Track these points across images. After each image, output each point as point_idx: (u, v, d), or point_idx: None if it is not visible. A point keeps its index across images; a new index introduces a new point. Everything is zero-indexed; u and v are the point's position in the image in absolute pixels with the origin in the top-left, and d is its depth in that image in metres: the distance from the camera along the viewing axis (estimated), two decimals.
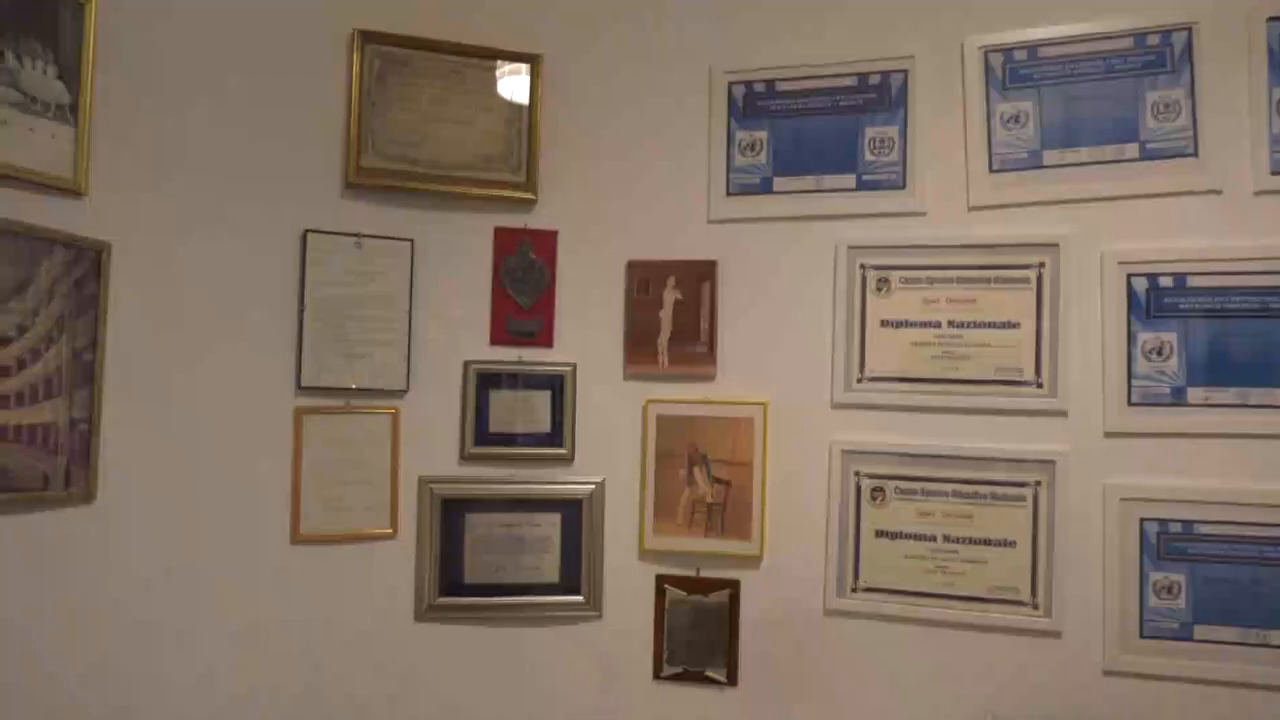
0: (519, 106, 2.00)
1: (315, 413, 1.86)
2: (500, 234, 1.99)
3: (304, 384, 1.84)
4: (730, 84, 2.01)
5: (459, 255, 1.99)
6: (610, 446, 2.00)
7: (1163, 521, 1.77)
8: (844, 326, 1.92)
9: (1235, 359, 1.75)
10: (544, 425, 1.98)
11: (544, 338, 2.00)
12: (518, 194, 1.98)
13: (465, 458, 1.96)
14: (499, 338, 1.98)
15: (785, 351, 1.96)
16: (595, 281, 2.03)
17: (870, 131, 1.94)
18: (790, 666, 1.93)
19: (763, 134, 1.99)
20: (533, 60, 2.00)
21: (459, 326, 1.99)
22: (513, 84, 1.99)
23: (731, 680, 1.95)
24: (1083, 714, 1.79)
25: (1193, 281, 1.77)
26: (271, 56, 1.88)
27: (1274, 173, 1.75)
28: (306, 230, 1.87)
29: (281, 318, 1.86)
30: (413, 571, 1.94)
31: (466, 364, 1.97)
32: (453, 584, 1.95)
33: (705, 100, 2.02)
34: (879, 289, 1.91)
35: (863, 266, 1.92)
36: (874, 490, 1.90)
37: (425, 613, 1.93)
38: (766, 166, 1.98)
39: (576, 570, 1.98)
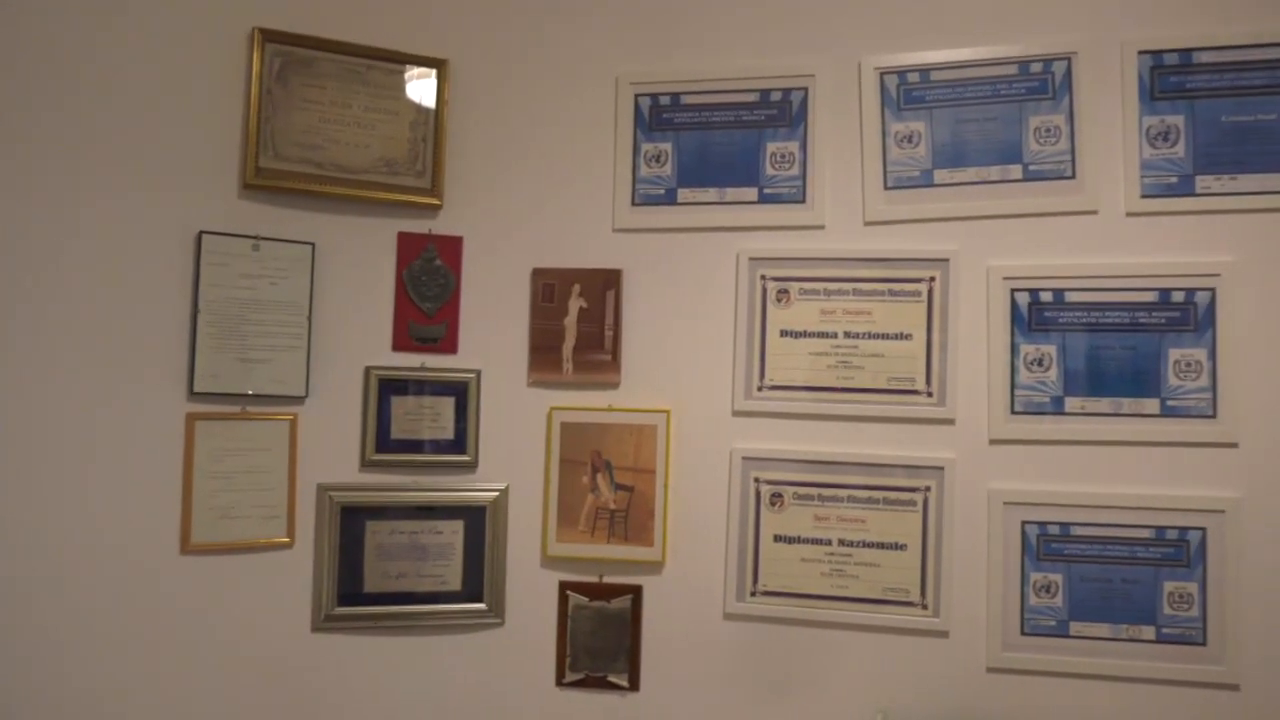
0: (425, 111, 2.01)
1: (208, 419, 1.84)
2: (404, 239, 2.00)
3: (196, 389, 1.83)
4: (637, 95, 2.06)
5: (362, 260, 2.00)
6: (514, 453, 2.03)
7: (1042, 524, 1.88)
8: (745, 336, 1.99)
9: (1108, 370, 1.88)
10: (447, 432, 2.00)
11: (448, 344, 2.01)
12: (423, 199, 2.00)
13: (366, 465, 1.96)
14: (402, 344, 1.99)
15: (688, 360, 2.01)
16: (500, 288, 2.05)
17: (772, 146, 2.01)
18: (691, 670, 1.98)
19: (668, 146, 2.05)
20: (439, 65, 2.02)
21: (361, 332, 1.99)
22: (418, 88, 2.01)
23: (634, 685, 1.99)
24: (968, 710, 1.89)
25: (1070, 297, 1.89)
26: (167, 52, 1.86)
27: (1144, 196, 1.88)
28: (201, 231, 1.85)
29: (174, 321, 1.84)
30: (310, 581, 1.94)
31: (368, 370, 1.97)
32: (352, 593, 1.94)
33: (612, 110, 2.07)
34: (779, 300, 1.99)
35: (763, 277, 1.99)
36: (773, 496, 1.97)
37: (323, 623, 1.92)
38: (671, 178, 2.04)
39: (479, 578, 2.00)
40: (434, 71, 2.03)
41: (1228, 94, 1.86)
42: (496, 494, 2.01)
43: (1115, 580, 1.86)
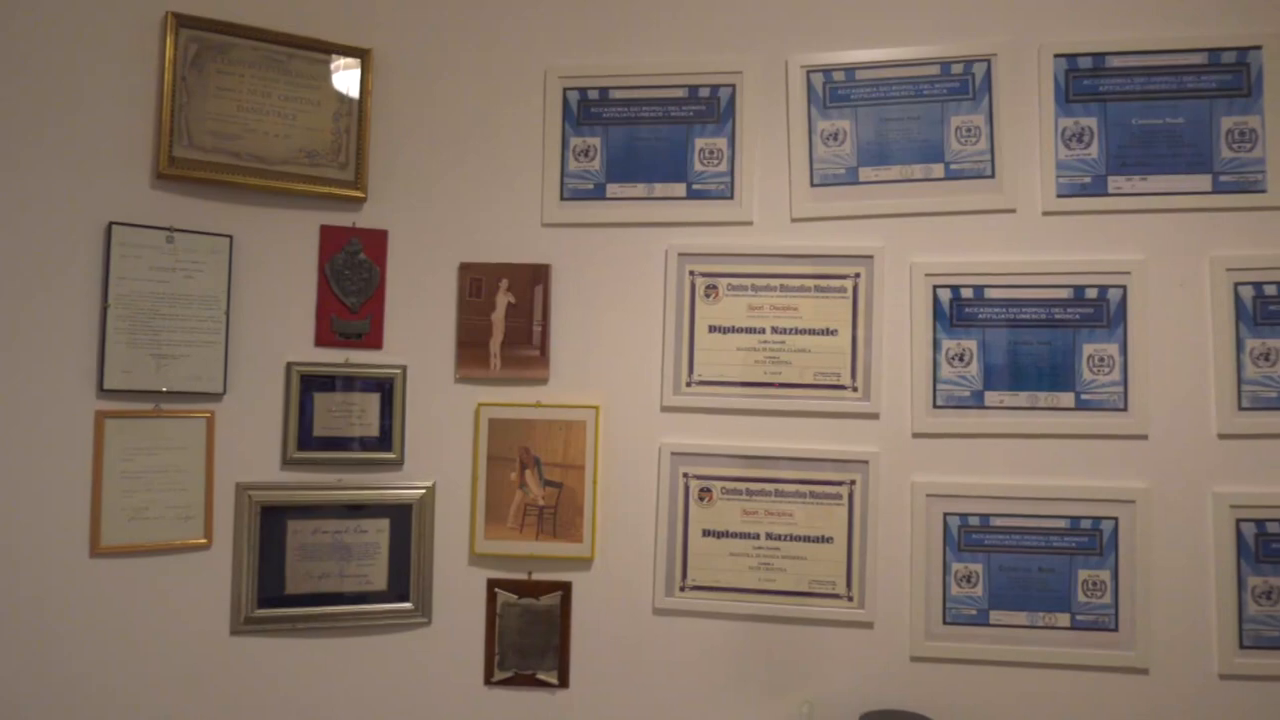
0: (348, 101, 1.99)
1: (119, 416, 1.79)
2: (327, 232, 1.98)
3: (106, 386, 1.77)
4: (566, 89, 2.06)
5: (282, 253, 1.96)
6: (441, 450, 2.02)
7: (963, 516, 1.94)
8: (673, 331, 2.01)
9: (1026, 365, 1.94)
10: (373, 429, 1.98)
11: (373, 339, 1.99)
12: (346, 191, 1.97)
13: (288, 463, 1.93)
14: (325, 339, 1.96)
15: (617, 355, 2.02)
16: (427, 283, 2.04)
17: (700, 142, 2.03)
18: (621, 666, 2.00)
19: (597, 140, 2.05)
20: (363, 55, 2.00)
21: (282, 327, 1.96)
22: (341, 78, 1.98)
23: (563, 682, 2.00)
24: (893, 699, 1.94)
25: (990, 293, 1.95)
26: (75, 35, 1.80)
27: (1059, 195, 1.95)
28: (111, 222, 1.80)
29: (82, 316, 1.79)
30: (229, 583, 1.90)
31: (289, 366, 1.94)
32: (273, 595, 1.91)
33: (540, 104, 2.07)
34: (707, 295, 2.01)
35: (692, 273, 2.01)
36: (701, 491, 1.99)
37: (242, 626, 1.89)
38: (600, 173, 2.05)
39: (405, 576, 1.98)
40: (358, 61, 2.00)
41: (1138, 97, 1.94)
42: (423, 491, 2.00)
43: (1033, 569, 1.92)
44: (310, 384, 1.96)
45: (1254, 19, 1.93)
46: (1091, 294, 1.91)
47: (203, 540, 1.86)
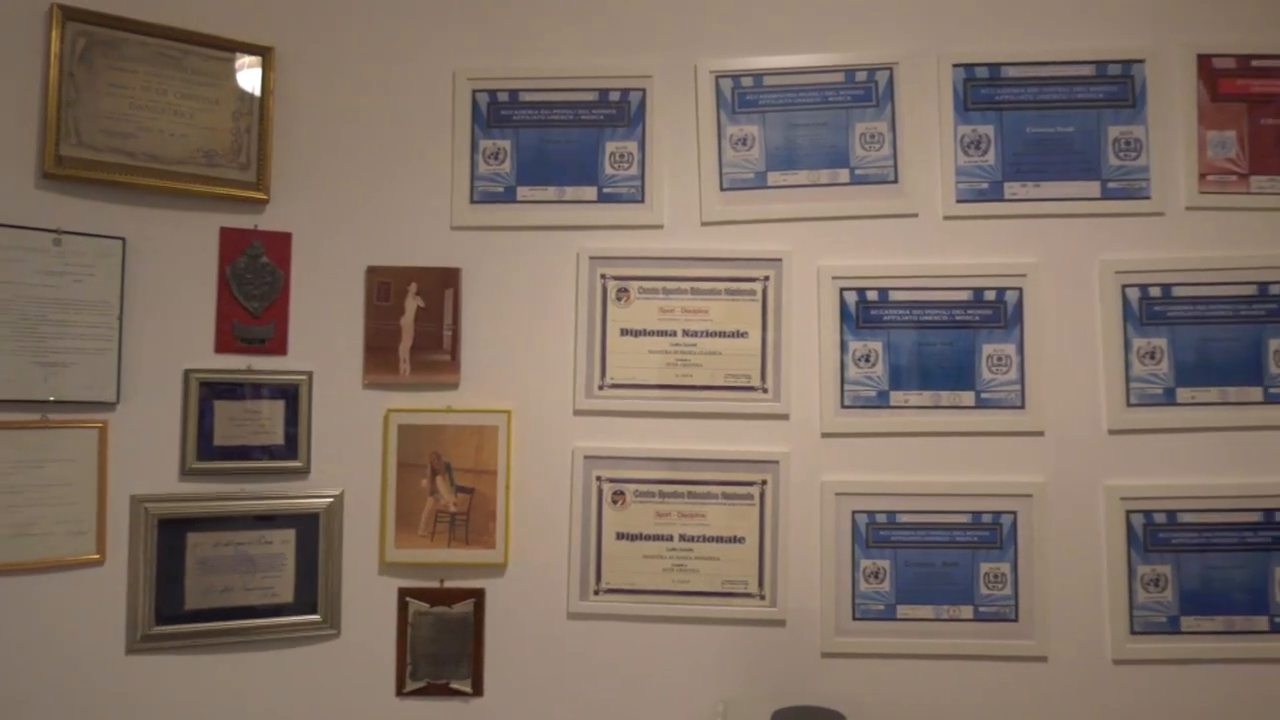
0: (249, 101, 1.95)
1: (1, 428, 1.72)
2: (227, 235, 1.94)
3: None
4: (475, 91, 2.06)
5: (180, 257, 1.92)
6: (349, 458, 2.00)
7: (870, 513, 2.00)
8: (585, 335, 2.02)
9: (929, 365, 2.01)
10: (277, 437, 1.95)
11: (276, 345, 1.96)
12: (247, 193, 1.94)
13: (187, 473, 1.89)
14: (226, 345, 1.93)
15: (529, 359, 2.03)
16: (333, 287, 2.01)
17: (611, 146, 2.06)
18: (536, 672, 2.00)
19: (507, 143, 2.06)
20: (265, 53, 1.97)
21: (180, 333, 1.91)
22: (242, 76, 1.95)
23: (477, 690, 2.00)
24: (805, 694, 1.99)
25: (894, 296, 2.02)
26: None
27: (959, 200, 2.03)
28: None
29: None
30: (124, 599, 1.84)
31: (188, 373, 1.90)
32: (172, 611, 1.87)
33: (449, 106, 2.07)
34: (619, 299, 2.03)
35: (603, 276, 2.03)
36: (615, 494, 2.01)
37: (139, 644, 1.84)
38: (510, 175, 2.05)
39: (313, 588, 1.95)
40: (259, 59, 1.97)
41: (1031, 107, 2.03)
42: (331, 500, 1.97)
43: (937, 564, 1.99)
44: (211, 392, 1.92)
45: (1139, 34, 2.04)
46: (990, 296, 2.00)
47: (95, 556, 1.81)
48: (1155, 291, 1.98)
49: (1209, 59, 2.01)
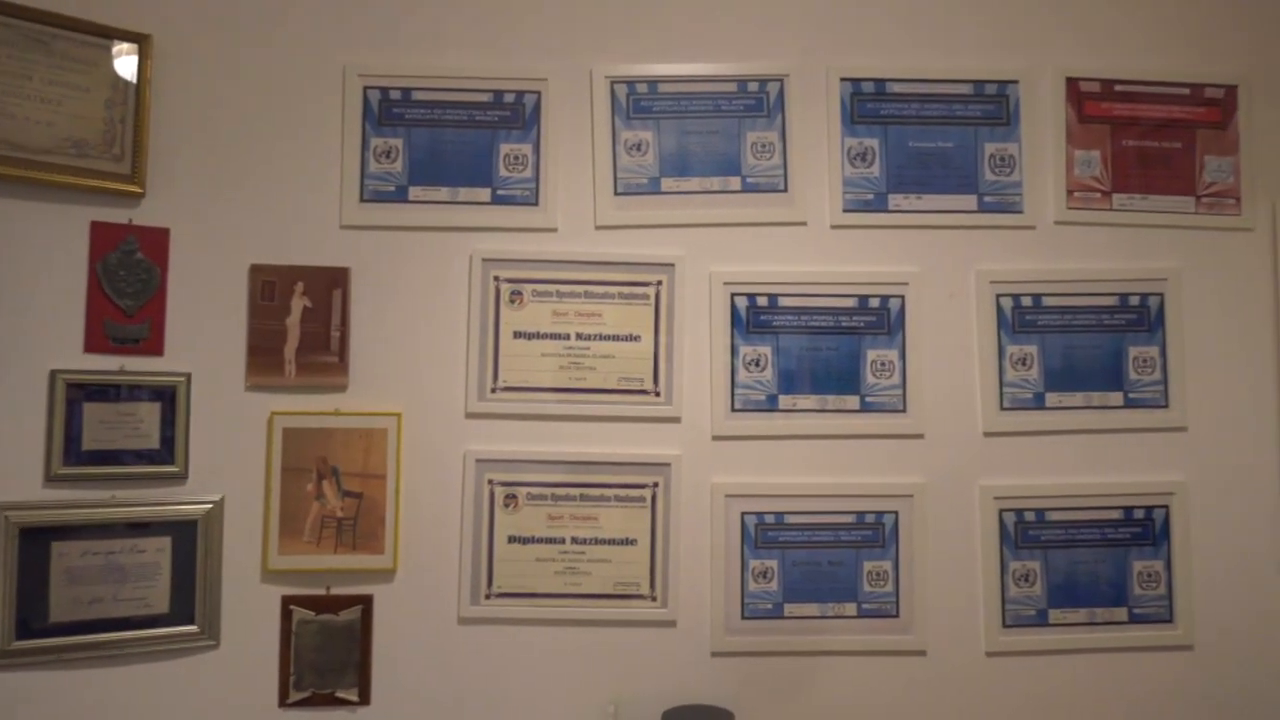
0: (123, 89, 1.90)
1: None
2: (98, 229, 1.88)
3: None
4: (366, 88, 2.05)
5: (45, 251, 1.85)
6: (230, 462, 1.96)
7: (759, 514, 2.07)
8: (478, 337, 2.04)
9: (817, 370, 2.10)
10: (152, 441, 1.90)
11: (152, 345, 1.91)
12: (120, 186, 1.88)
13: (52, 479, 1.82)
14: (96, 345, 1.87)
15: (420, 362, 2.03)
16: (214, 285, 1.97)
17: (505, 148, 2.07)
18: (425, 678, 2.00)
19: (399, 142, 2.05)
20: (142, 40, 1.92)
21: (45, 332, 1.84)
22: (115, 64, 1.89)
23: (364, 699, 1.98)
24: (695, 694, 2.04)
25: (784, 302, 2.10)
26: None
27: (846, 210, 2.12)
28: None
29: None
30: None
31: (54, 374, 1.83)
32: (35, 625, 1.80)
33: (339, 102, 2.05)
34: (512, 301, 2.05)
35: (496, 279, 2.05)
36: (507, 497, 2.03)
37: None
38: (402, 175, 2.05)
39: (190, 597, 1.91)
40: (135, 47, 1.91)
41: (914, 122, 2.14)
42: (210, 506, 1.93)
43: (823, 563, 2.08)
44: (80, 393, 1.85)
45: (1014, 56, 2.17)
46: (874, 303, 2.09)
47: None
48: (1027, 301, 2.12)
49: (1076, 82, 2.16)
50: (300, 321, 1.98)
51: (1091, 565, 2.11)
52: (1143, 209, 2.15)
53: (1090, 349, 2.12)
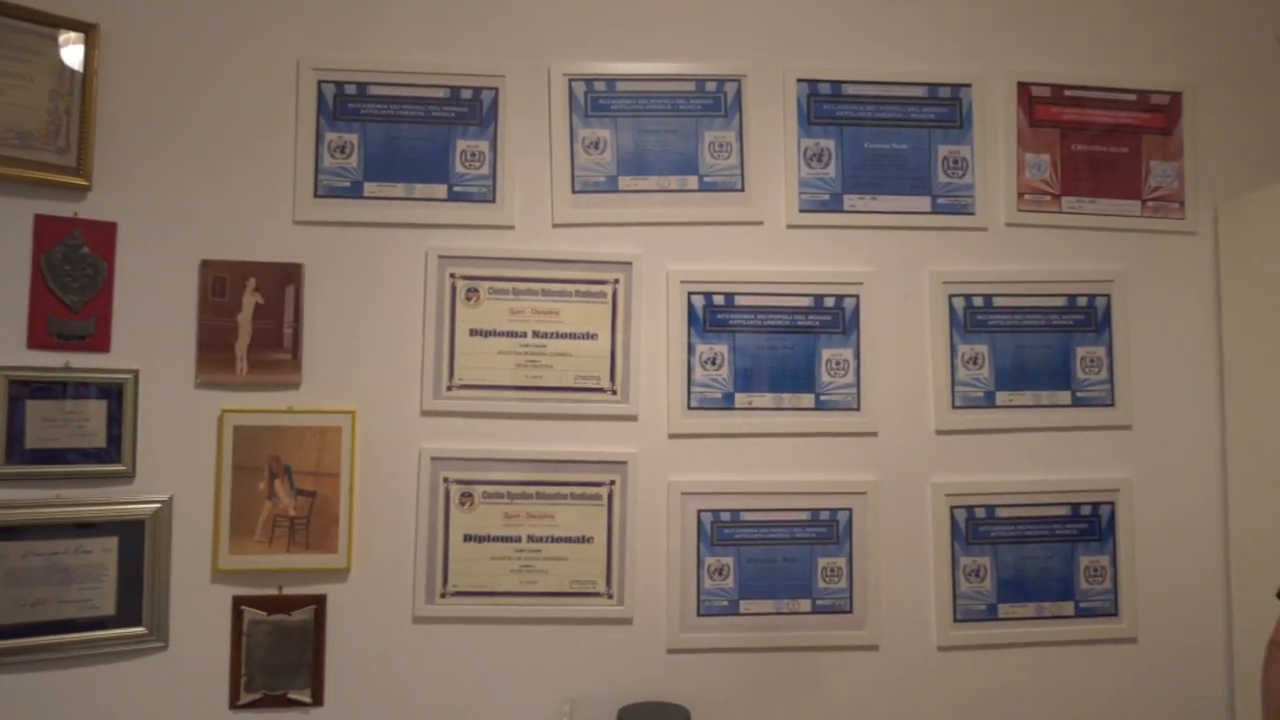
0: (69, 80, 1.87)
1: None
2: (42, 223, 1.85)
3: None
4: (320, 82, 2.04)
5: None
6: (179, 461, 1.94)
7: (715, 512, 2.10)
8: (434, 335, 2.03)
9: (772, 368, 2.13)
10: (98, 439, 1.87)
11: (99, 341, 1.88)
12: (66, 178, 1.85)
13: None
14: (40, 341, 1.84)
15: (374, 359, 2.03)
16: (163, 281, 1.95)
17: (462, 144, 2.07)
18: (379, 678, 2.00)
19: (354, 137, 2.05)
20: (88, 29, 1.89)
21: None
22: (61, 53, 1.86)
23: (317, 700, 1.98)
24: (651, 691, 2.06)
25: (740, 301, 2.12)
26: None
27: (802, 210, 2.15)
28: None
29: None
30: None
31: None
32: None
33: (293, 96, 2.04)
34: (468, 299, 2.05)
35: (453, 276, 2.05)
36: (462, 496, 2.03)
37: None
38: (357, 170, 2.04)
39: (137, 599, 1.89)
40: (82, 36, 1.88)
41: (869, 124, 2.18)
42: (158, 506, 1.91)
43: (778, 560, 2.11)
44: (23, 390, 1.83)
45: (967, 60, 2.22)
46: (829, 303, 2.13)
47: None
48: (978, 301, 2.16)
49: (1027, 87, 2.21)
50: (252, 318, 1.97)
51: (1040, 560, 2.16)
52: (1090, 212, 2.21)
53: (1039, 349, 2.18)
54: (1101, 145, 2.22)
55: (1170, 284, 2.22)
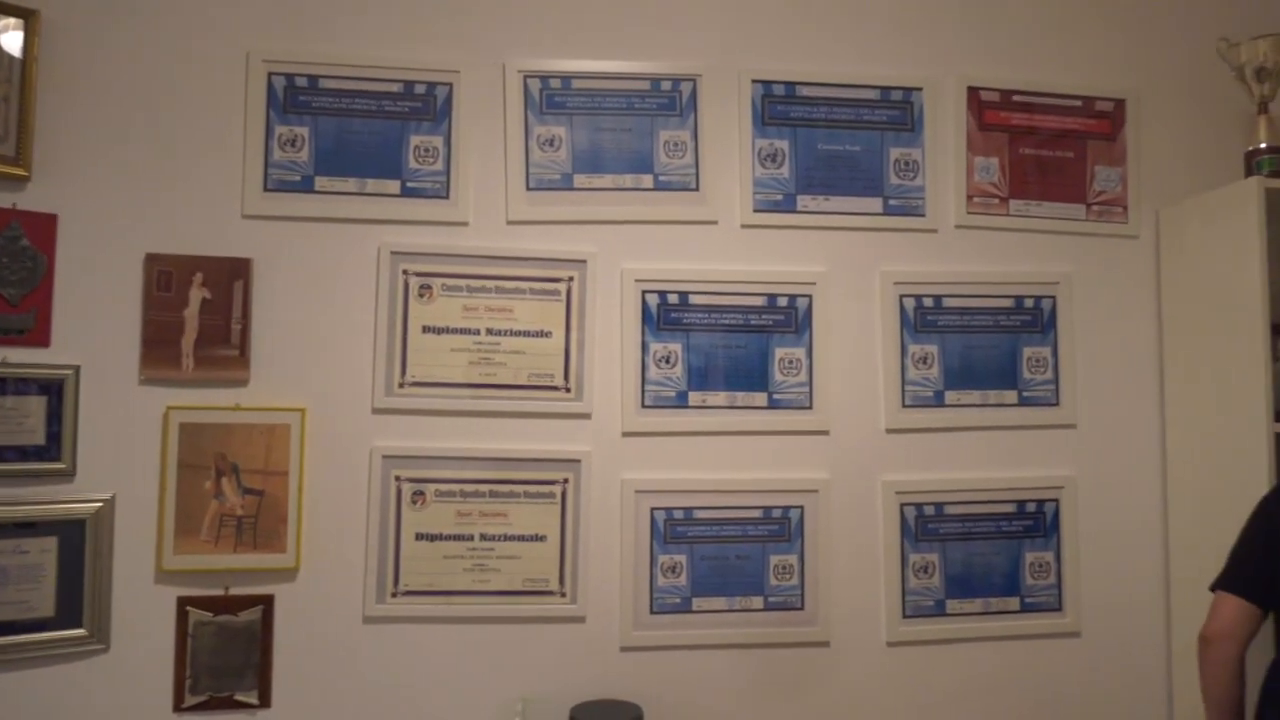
0: (7, 66, 1.84)
1: None
2: None
3: None
4: (271, 74, 2.03)
5: None
6: (122, 459, 1.91)
7: (668, 510, 2.12)
8: (386, 331, 2.03)
9: (725, 367, 2.16)
10: (36, 436, 1.84)
11: (38, 336, 1.85)
12: (4, 168, 1.82)
13: None
14: None
15: (325, 356, 2.02)
16: (106, 275, 1.92)
17: (415, 139, 2.07)
18: (329, 679, 1.99)
19: (304, 130, 2.03)
20: (28, 15, 1.85)
21: None
22: (1, 40, 1.82)
23: (265, 702, 1.96)
24: (604, 689, 2.08)
25: (694, 300, 2.15)
26: None
27: (756, 210, 2.18)
28: None
29: None
30: None
31: None
32: None
33: (242, 87, 2.02)
34: (421, 295, 2.05)
35: (405, 272, 2.04)
36: (414, 494, 2.03)
37: None
38: (308, 164, 2.03)
39: (78, 600, 1.86)
40: (21, 22, 1.85)
41: (823, 125, 2.22)
42: (100, 505, 1.88)
43: (730, 557, 2.14)
44: None
45: (919, 64, 2.27)
46: (782, 302, 2.16)
47: None
48: (928, 302, 2.21)
49: (977, 91, 2.27)
50: (199, 313, 1.95)
51: (987, 557, 2.22)
52: (1037, 215, 2.27)
53: (987, 349, 2.23)
54: (1048, 150, 2.28)
55: (1114, 286, 2.29)
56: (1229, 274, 2.05)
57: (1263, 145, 2.12)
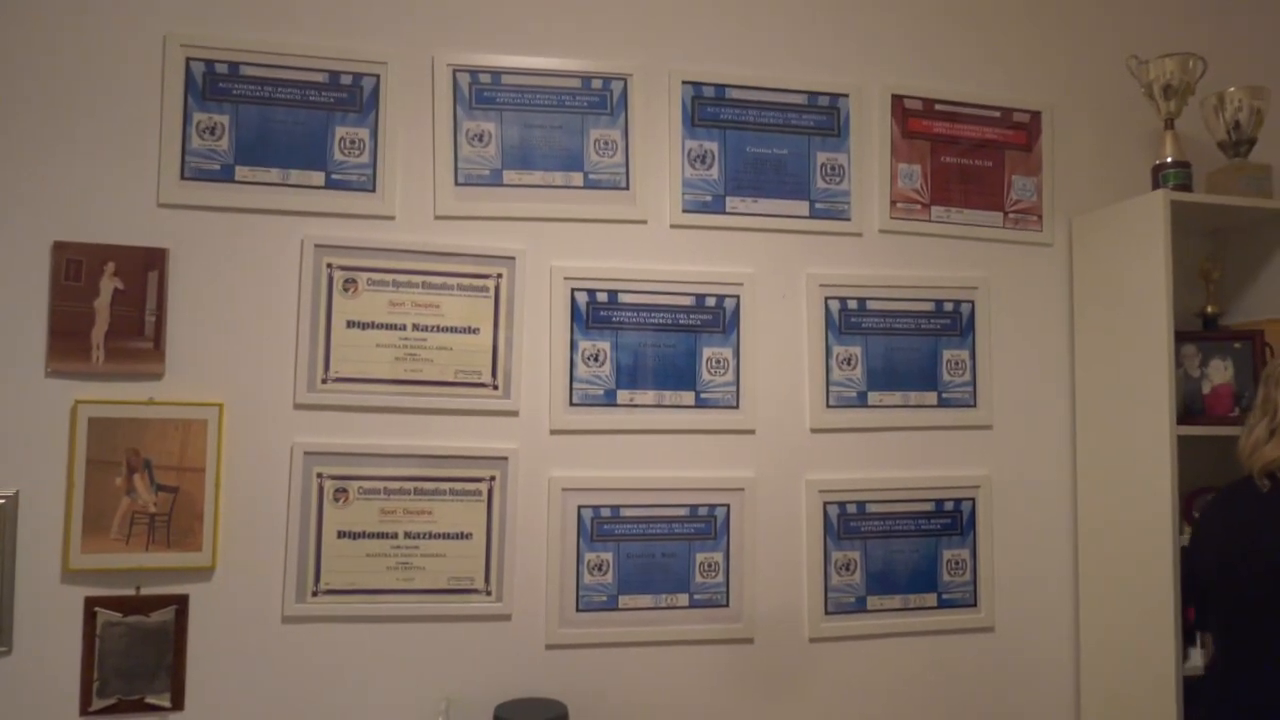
0: None
1: None
2: None
3: None
4: (189, 59, 2.01)
5: None
6: (25, 454, 1.88)
7: (595, 508, 2.16)
8: (309, 326, 2.03)
9: (654, 366, 2.21)
10: None
11: None
12: None
13: None
14: None
15: (245, 350, 2.01)
16: (10, 264, 1.89)
17: (341, 131, 2.08)
18: (245, 681, 1.98)
19: (225, 118, 2.02)
20: None
21: None
22: None
23: (177, 704, 1.95)
24: (530, 687, 2.11)
25: (623, 298, 2.19)
26: None
27: (685, 210, 2.24)
28: None
29: None
30: None
31: None
32: None
33: (159, 72, 2.00)
34: (346, 289, 2.06)
35: (330, 266, 2.05)
36: (337, 491, 2.03)
37: None
38: (228, 153, 2.02)
39: None
40: None
41: (752, 128, 2.29)
42: (2, 502, 1.85)
43: (657, 555, 2.19)
44: None
45: (845, 70, 2.36)
46: (710, 302, 2.23)
47: None
48: (853, 304, 2.30)
49: (901, 99, 2.37)
50: (110, 304, 1.92)
51: (906, 554, 2.32)
52: (957, 222, 2.38)
53: (909, 351, 2.33)
54: (969, 159, 2.40)
55: (1029, 292, 2.42)
56: (1137, 282, 2.19)
57: (1169, 159, 2.27)
